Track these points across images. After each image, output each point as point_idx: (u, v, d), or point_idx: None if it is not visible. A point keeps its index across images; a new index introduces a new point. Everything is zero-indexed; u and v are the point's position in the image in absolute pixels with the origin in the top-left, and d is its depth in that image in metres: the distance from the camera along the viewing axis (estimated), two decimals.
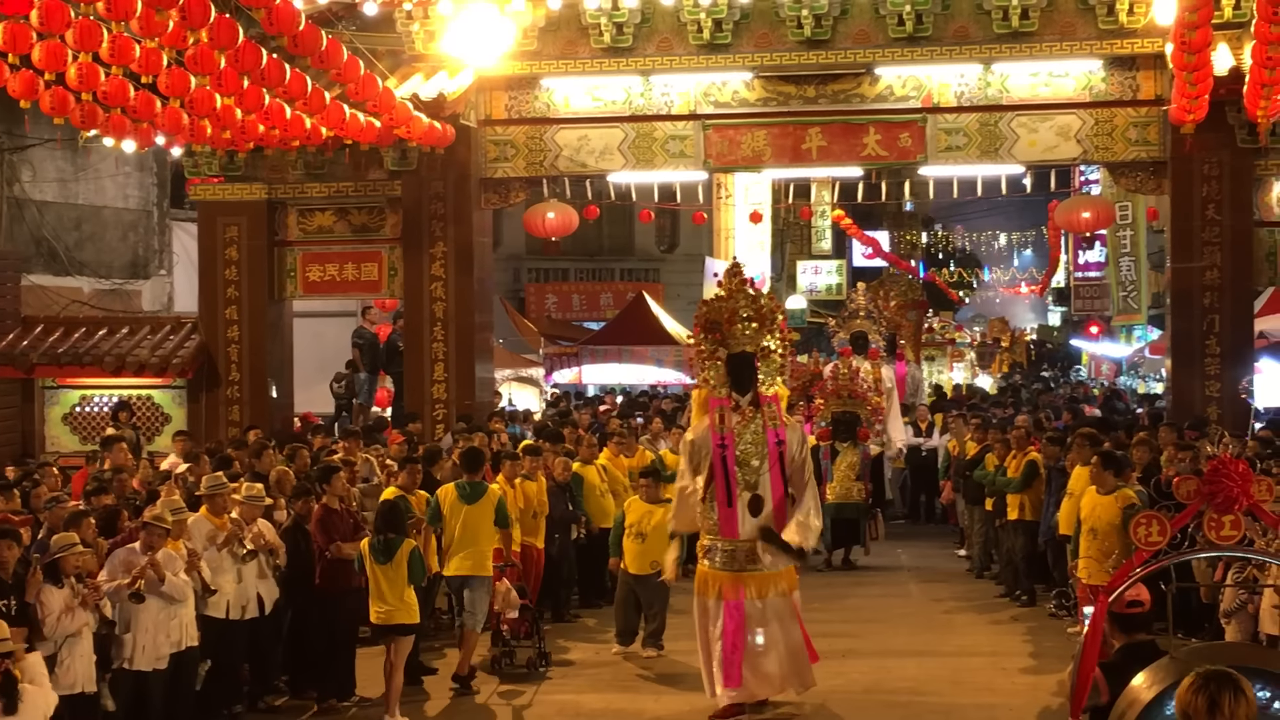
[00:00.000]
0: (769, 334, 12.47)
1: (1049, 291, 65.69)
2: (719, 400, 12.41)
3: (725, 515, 12.21)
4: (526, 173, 20.85)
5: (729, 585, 12.13)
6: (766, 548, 12.09)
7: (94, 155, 23.86)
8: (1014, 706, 12.70)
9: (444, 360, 20.58)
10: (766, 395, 12.43)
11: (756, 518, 12.20)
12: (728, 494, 12.19)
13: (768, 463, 12.25)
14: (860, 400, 20.44)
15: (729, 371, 12.40)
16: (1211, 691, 4.98)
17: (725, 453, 12.20)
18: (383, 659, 12.60)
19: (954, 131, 20.06)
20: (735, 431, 12.28)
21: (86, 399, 21.11)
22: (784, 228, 47.60)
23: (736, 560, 12.18)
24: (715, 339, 12.46)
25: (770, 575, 12.20)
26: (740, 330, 12.34)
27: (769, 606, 12.16)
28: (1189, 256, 19.55)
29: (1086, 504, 13.85)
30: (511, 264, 38.17)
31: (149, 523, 11.50)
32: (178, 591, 11.44)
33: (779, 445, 12.26)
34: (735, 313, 12.39)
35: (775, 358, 12.49)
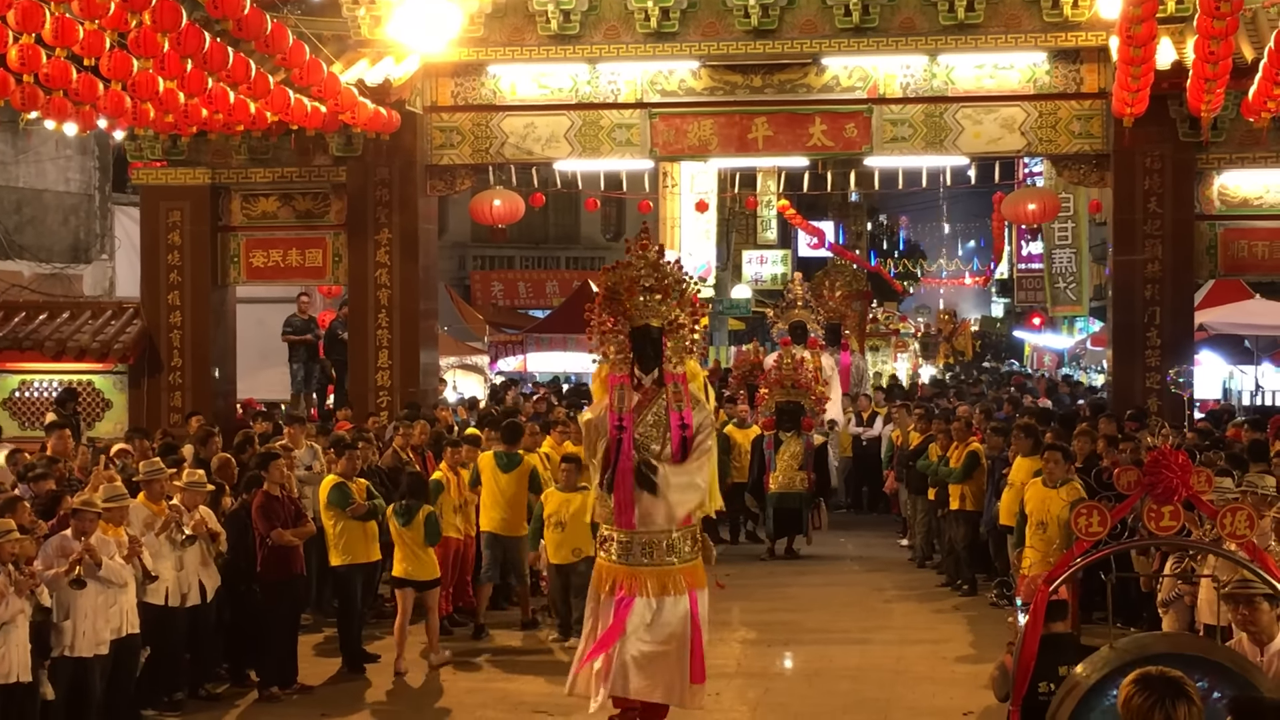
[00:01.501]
0: (678, 307, 11.33)
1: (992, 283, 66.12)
2: (619, 377, 11.30)
3: (620, 503, 11.08)
4: (472, 160, 20.78)
5: (623, 579, 11.07)
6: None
7: (35, 138, 23.64)
8: (954, 695, 12.78)
9: (388, 347, 20.50)
10: (674, 374, 11.28)
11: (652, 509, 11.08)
12: (613, 480, 11.09)
13: (669, 448, 11.10)
14: (804, 390, 20.49)
15: (632, 346, 11.30)
16: (1168, 708, 4.97)
17: (622, 435, 11.07)
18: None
19: (899, 122, 20.13)
20: (635, 412, 11.17)
21: (26, 384, 20.90)
22: (730, 217, 47.65)
23: (631, 553, 11.10)
24: (618, 310, 11.33)
25: (669, 571, 11.09)
26: (642, 301, 11.23)
27: (664, 606, 11.02)
28: (1131, 249, 19.70)
29: (1034, 496, 13.89)
30: (457, 251, 38.03)
31: (79, 509, 11.37)
32: (116, 576, 11.33)
33: (683, 429, 11.11)
34: (635, 281, 11.27)
35: (684, 333, 11.34)
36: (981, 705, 12.24)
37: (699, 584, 11.26)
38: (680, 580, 11.11)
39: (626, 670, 10.87)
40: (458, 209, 31.19)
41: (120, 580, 11.41)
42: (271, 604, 13.14)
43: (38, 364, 20.71)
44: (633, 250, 11.42)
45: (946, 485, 17.61)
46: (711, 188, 39.03)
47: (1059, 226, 36.06)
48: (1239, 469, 12.88)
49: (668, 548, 11.10)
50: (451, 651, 14.27)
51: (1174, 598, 11.45)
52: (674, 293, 11.31)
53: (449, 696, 12.98)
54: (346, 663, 13.90)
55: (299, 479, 15.22)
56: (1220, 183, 19.82)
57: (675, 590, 11.06)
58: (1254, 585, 8.11)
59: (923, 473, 18.34)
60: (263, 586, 13.18)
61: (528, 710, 12.35)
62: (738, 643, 14.88)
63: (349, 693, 13.17)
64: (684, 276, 11.51)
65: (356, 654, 13.98)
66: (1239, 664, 6.55)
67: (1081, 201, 35.05)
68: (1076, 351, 44.11)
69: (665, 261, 11.40)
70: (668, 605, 11.02)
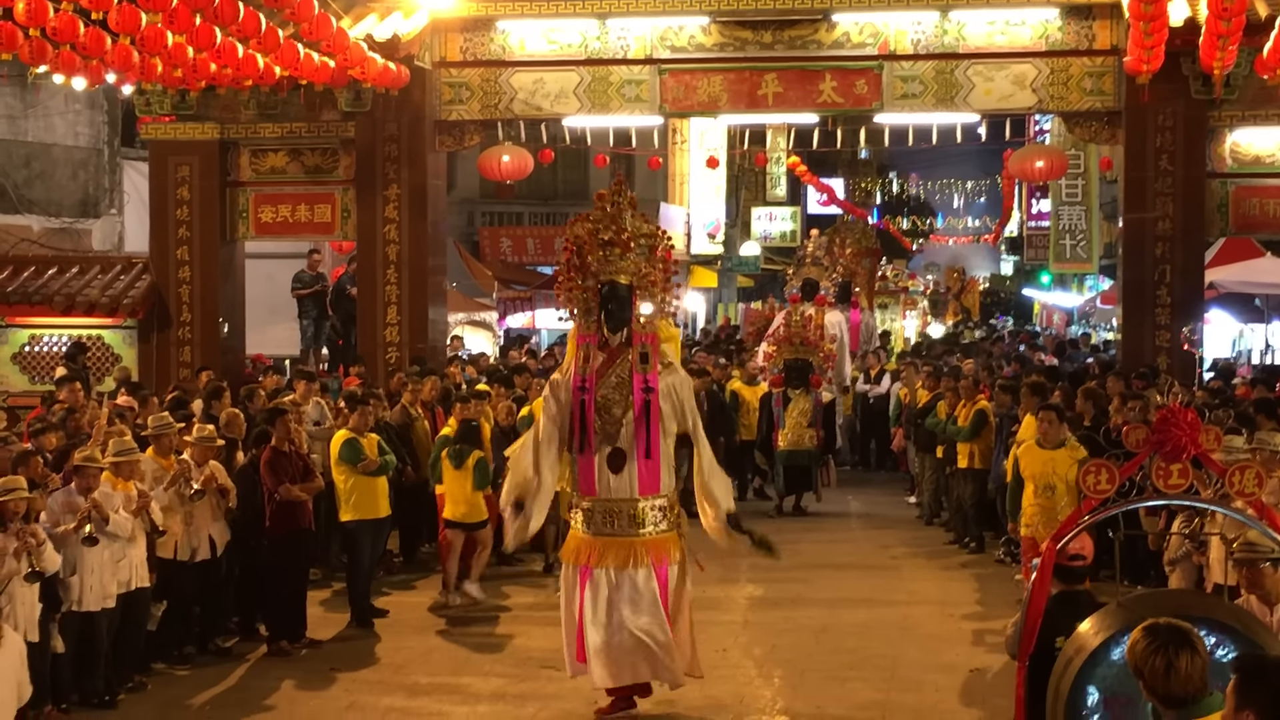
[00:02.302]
0: (649, 263, 10.80)
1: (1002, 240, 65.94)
2: (586, 337, 10.82)
3: (582, 469, 10.73)
4: (481, 115, 20.71)
5: (585, 550, 10.71)
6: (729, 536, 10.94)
7: (44, 92, 23.56)
8: (960, 651, 12.82)
9: (397, 303, 20.48)
10: (643, 334, 10.73)
11: (617, 475, 10.65)
12: (584, 445, 10.67)
13: (631, 413, 10.58)
14: (813, 347, 20.49)
15: (600, 304, 10.78)
16: (1169, 654, 5.04)
17: (585, 397, 10.61)
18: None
19: (910, 79, 20.03)
20: (598, 374, 10.69)
21: (36, 338, 20.91)
22: (739, 174, 47.56)
23: (593, 522, 10.68)
24: (583, 265, 10.82)
25: (636, 543, 10.60)
26: (602, 256, 10.70)
27: (627, 580, 10.55)
28: (1142, 207, 19.63)
29: (1032, 459, 13.41)
30: (465, 207, 37.95)
31: (81, 464, 11.33)
32: (122, 530, 11.32)
33: (646, 393, 10.57)
34: (592, 234, 10.75)
35: (655, 291, 10.81)
36: (988, 662, 12.29)
37: (669, 559, 10.72)
38: (645, 553, 10.59)
39: (592, 661, 10.62)
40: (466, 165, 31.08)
41: (125, 534, 11.40)
42: (280, 559, 13.19)
43: (47, 319, 20.71)
44: (600, 202, 10.95)
45: (954, 443, 17.61)
46: (721, 144, 38.92)
47: (1068, 184, 35.89)
48: (1248, 427, 12.87)
49: (630, 518, 10.65)
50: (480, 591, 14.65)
51: (1181, 556, 11.46)
52: (638, 247, 10.76)
53: (458, 650, 13.04)
54: (355, 618, 13.96)
55: (308, 434, 15.25)
56: (1232, 140, 19.71)
57: (638, 563, 10.54)
58: (1259, 548, 8.13)
59: (931, 430, 18.34)
60: (271, 541, 13.22)
61: (535, 665, 12.39)
62: (745, 599, 14.93)
63: (358, 647, 13.22)
64: (651, 230, 10.97)
65: (365, 609, 14.03)
66: (1246, 623, 6.55)
67: (1092, 159, 34.91)
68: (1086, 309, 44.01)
69: (628, 214, 10.83)
70: (628, 580, 10.55)
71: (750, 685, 11.88)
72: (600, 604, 10.53)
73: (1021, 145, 26.94)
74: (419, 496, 16.14)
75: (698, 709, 11.15)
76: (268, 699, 11.71)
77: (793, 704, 11.33)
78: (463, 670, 12.35)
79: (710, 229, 43.79)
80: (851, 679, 12.01)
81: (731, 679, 12.02)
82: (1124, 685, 6.06)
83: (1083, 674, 6.32)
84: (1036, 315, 55.70)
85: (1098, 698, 6.30)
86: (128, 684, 11.75)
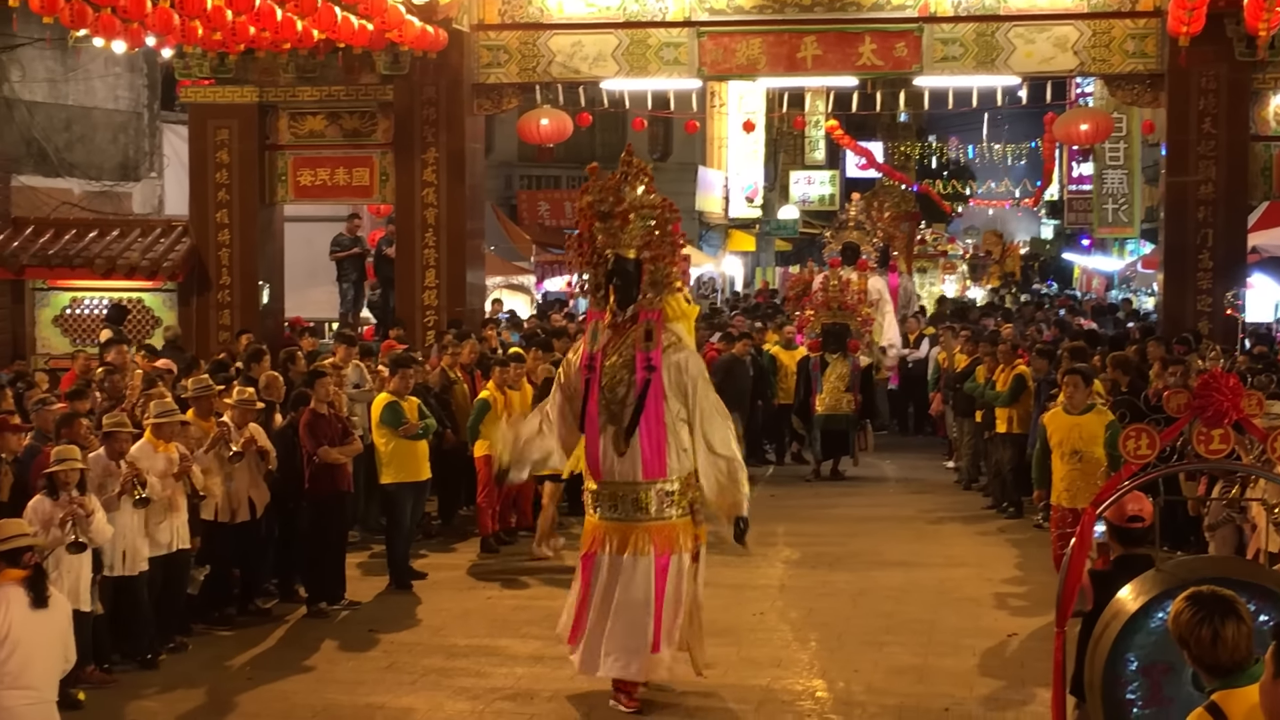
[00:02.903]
0: (655, 235, 10.24)
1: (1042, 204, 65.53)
2: (595, 313, 10.43)
3: (589, 451, 10.33)
4: (519, 79, 20.68)
5: (591, 534, 10.41)
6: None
7: (84, 56, 23.61)
8: (998, 616, 12.81)
9: (435, 267, 20.52)
10: (649, 311, 10.20)
11: (621, 457, 10.18)
12: (588, 426, 10.30)
13: (632, 393, 10.09)
14: (850, 312, 20.46)
15: (608, 279, 10.31)
16: (1215, 624, 5.00)
17: (590, 376, 10.22)
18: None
19: (950, 42, 19.89)
20: (604, 352, 10.27)
21: (77, 301, 21.04)
22: (777, 137, 47.38)
23: (601, 506, 10.31)
24: (594, 238, 10.31)
25: (638, 529, 10.17)
26: (602, 229, 10.19)
27: (623, 566, 10.15)
28: (1184, 170, 19.48)
29: (1061, 424, 12.73)
30: (504, 171, 37.90)
31: (110, 430, 11.30)
32: (154, 493, 11.31)
33: (648, 372, 10.05)
34: (591, 207, 10.23)
35: (662, 265, 10.25)
36: (1025, 627, 12.28)
37: (673, 548, 10.21)
38: (646, 541, 10.13)
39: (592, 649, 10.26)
40: (505, 128, 31.04)
41: (156, 496, 11.38)
42: (319, 521, 13.26)
43: (88, 281, 20.83)
44: (599, 176, 10.35)
45: (993, 408, 17.56)
46: (759, 107, 38.80)
47: (1110, 147, 35.67)
48: None
49: (634, 502, 10.20)
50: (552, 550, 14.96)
51: (1222, 521, 11.42)
52: (641, 220, 10.17)
53: (495, 614, 13.09)
54: (394, 580, 14.02)
55: (348, 397, 15.30)
56: (1276, 103, 19.51)
57: (637, 550, 10.12)
58: None
59: (969, 395, 18.29)
60: (310, 503, 13.29)
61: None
62: (782, 563, 14.94)
63: (397, 608, 13.30)
64: (656, 202, 10.31)
65: (404, 571, 14.10)
66: None
67: (1134, 122, 34.69)
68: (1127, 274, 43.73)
69: (630, 184, 10.21)
70: (626, 566, 10.13)
71: (787, 648, 11.90)
72: (598, 590, 10.22)
73: (1062, 108, 26.74)
74: (458, 460, 16.20)
75: (734, 670, 11.17)
76: (307, 660, 11.79)
77: (829, 667, 11.34)
78: (501, 632, 12.41)
79: (748, 192, 43.70)
80: (889, 643, 12.01)
81: (768, 642, 12.04)
82: (1163, 652, 6.04)
83: (1121, 640, 6.29)
84: (1076, 280, 55.37)
85: (1136, 665, 6.27)
86: (169, 644, 11.85)
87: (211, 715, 10.54)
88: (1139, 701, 6.27)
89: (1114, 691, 6.30)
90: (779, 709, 10.41)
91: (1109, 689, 6.31)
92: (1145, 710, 6.26)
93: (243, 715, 10.51)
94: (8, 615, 7.72)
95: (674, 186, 40.95)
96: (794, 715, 10.29)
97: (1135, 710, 6.28)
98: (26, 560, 7.96)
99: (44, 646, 7.93)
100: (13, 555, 7.91)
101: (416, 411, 14.37)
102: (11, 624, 7.71)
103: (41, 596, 7.88)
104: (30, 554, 8.01)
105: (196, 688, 11.07)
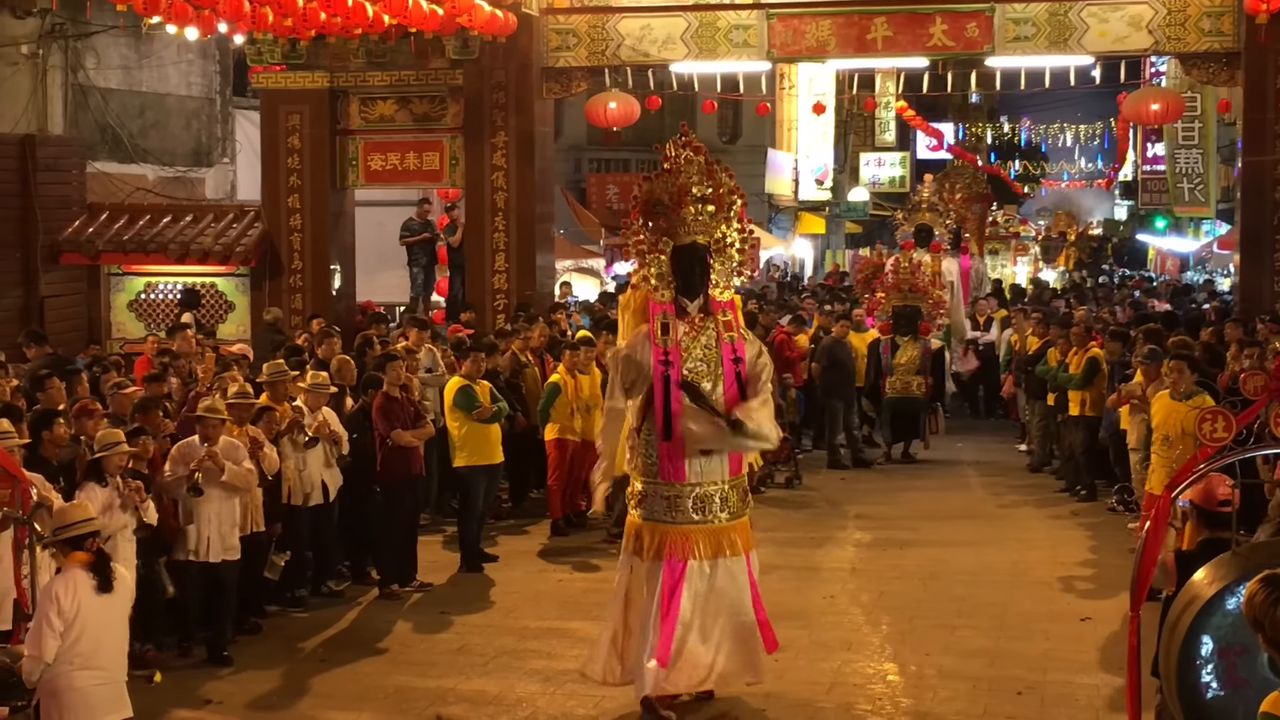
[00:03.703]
0: (726, 222, 9.78)
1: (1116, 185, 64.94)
2: (661, 305, 9.73)
3: (667, 452, 9.63)
4: (588, 62, 20.68)
5: (673, 540, 9.64)
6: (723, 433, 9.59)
7: (157, 43, 23.81)
8: (1071, 600, 12.73)
9: (505, 250, 20.58)
10: (720, 300, 9.81)
11: (708, 456, 9.69)
12: (669, 425, 9.58)
13: (721, 385, 9.65)
14: (921, 294, 20.35)
15: (675, 268, 9.76)
16: None
17: (668, 372, 9.55)
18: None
19: (1022, 21, 19.71)
20: (682, 345, 9.66)
21: (151, 286, 21.25)
22: (847, 119, 47.16)
23: (680, 510, 9.66)
24: (660, 226, 9.76)
25: (722, 530, 9.72)
26: (692, 215, 9.65)
27: (719, 571, 9.68)
28: (1261, 149, 19.24)
29: (1165, 408, 12.57)
30: (572, 154, 37.94)
31: (202, 414, 11.42)
32: (240, 481, 11.41)
33: (736, 364, 9.64)
34: (685, 190, 9.64)
35: (733, 253, 9.82)
36: (1098, 611, 12.19)
37: (751, 543, 9.97)
38: (736, 540, 9.76)
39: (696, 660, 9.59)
40: (573, 112, 31.08)
41: (244, 484, 11.49)
42: (391, 503, 13.34)
43: (162, 266, 21.03)
44: (678, 153, 9.78)
45: (1065, 390, 17.42)
46: (829, 89, 38.64)
47: (1184, 126, 35.28)
48: None
49: (721, 501, 9.76)
50: None
51: None
52: (726, 205, 9.78)
53: (566, 595, 13.13)
54: (465, 562, 14.10)
55: (420, 381, 15.38)
56: None
57: (731, 551, 9.72)
58: None
59: (1041, 377, 18.15)
60: (383, 486, 13.37)
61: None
62: (853, 546, 14.91)
63: (468, 590, 13.37)
64: (736, 186, 9.94)
65: (475, 554, 14.17)
66: None
67: (1209, 101, 34.24)
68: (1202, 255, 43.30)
69: (720, 169, 9.86)
70: (722, 570, 9.68)
71: (858, 631, 11.87)
72: (697, 600, 9.60)
73: (1136, 88, 26.47)
74: (528, 443, 16.25)
75: (805, 653, 11.16)
76: (380, 641, 11.87)
77: (900, 650, 11.30)
78: (571, 614, 12.44)
79: (818, 175, 43.53)
80: (960, 626, 11.96)
81: (839, 625, 12.02)
82: (1239, 635, 5.99)
83: (1197, 623, 6.25)
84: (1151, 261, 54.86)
85: (1212, 647, 6.22)
86: (244, 626, 11.96)
87: (284, 696, 10.64)
88: (1214, 684, 6.22)
89: (1189, 674, 6.25)
90: (850, 691, 10.39)
91: (1184, 671, 6.26)
92: (1221, 692, 6.21)
93: (316, 696, 10.60)
94: (76, 598, 7.84)
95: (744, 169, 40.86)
96: (865, 698, 10.27)
97: (1211, 693, 6.23)
98: (89, 545, 8.08)
99: (112, 628, 8.06)
100: (76, 540, 8.04)
101: (489, 395, 14.42)
102: (80, 606, 7.83)
103: (107, 580, 7.99)
104: (94, 539, 8.13)
105: (270, 669, 11.17)
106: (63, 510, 8.39)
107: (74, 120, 22.95)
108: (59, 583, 7.94)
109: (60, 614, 7.80)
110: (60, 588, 7.89)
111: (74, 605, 7.82)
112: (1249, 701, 5.86)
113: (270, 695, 10.65)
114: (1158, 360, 13.69)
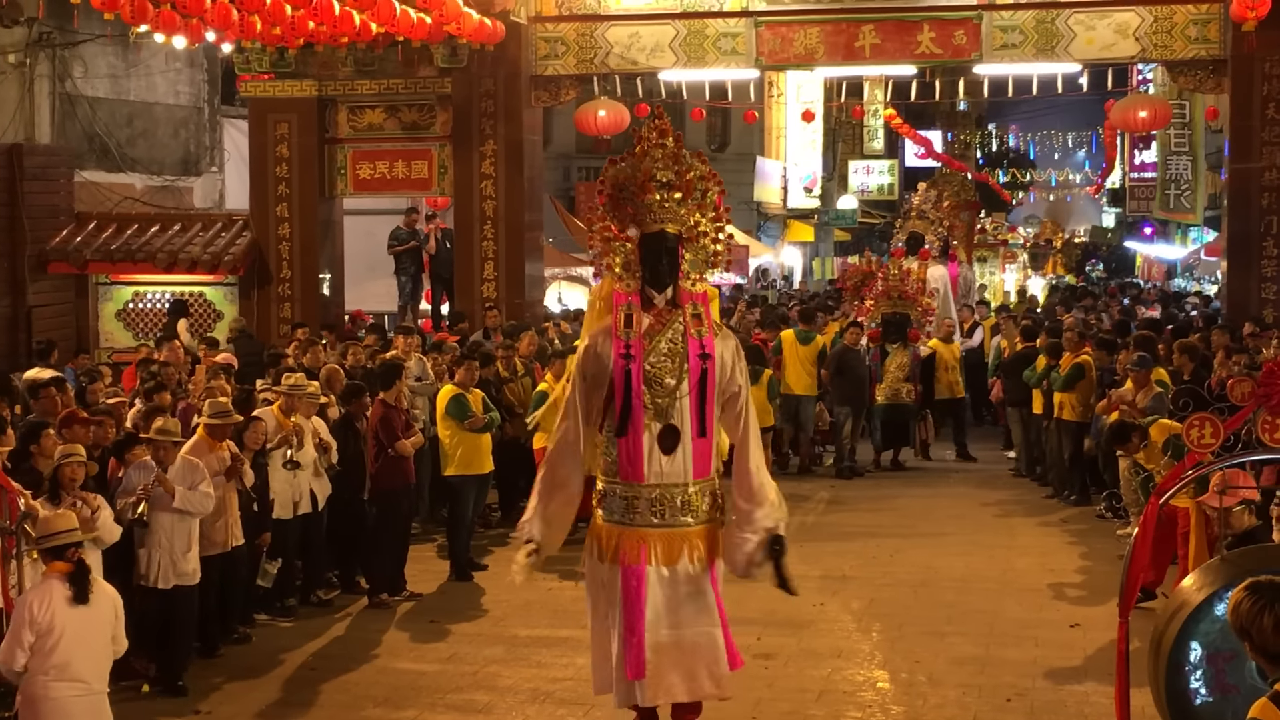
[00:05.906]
0: (699, 210, 9.03)
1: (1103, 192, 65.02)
2: (626, 295, 8.99)
3: (626, 451, 8.85)
4: (577, 70, 20.71)
5: (628, 543, 8.81)
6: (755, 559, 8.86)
7: (145, 51, 23.79)
8: (1060, 607, 12.74)
9: (494, 259, 20.59)
10: (691, 293, 9.03)
11: (670, 456, 8.82)
12: (625, 422, 8.81)
13: (687, 383, 8.83)
14: (911, 301, 20.37)
15: (642, 257, 9.00)
16: (1277, 612, 4.94)
17: (630, 365, 8.78)
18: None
19: (1010, 29, 19.77)
20: (645, 338, 8.88)
21: (139, 295, 21.24)
22: (836, 127, 47.23)
23: (638, 512, 8.82)
24: (625, 213, 9.07)
25: (690, 534, 8.82)
26: (657, 201, 8.90)
27: (679, 576, 8.79)
28: (1248, 157, 19.31)
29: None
30: (562, 162, 37.98)
31: (153, 438, 10.95)
32: (194, 505, 10.89)
33: (703, 360, 8.82)
34: (649, 175, 8.92)
35: (706, 243, 9.03)
36: (1088, 617, 12.20)
37: (717, 552, 8.97)
38: (698, 546, 8.84)
39: (663, 673, 8.74)
40: (562, 120, 31.13)
41: (200, 509, 10.98)
42: (384, 513, 13.33)
43: (150, 276, 21.02)
44: (647, 137, 9.12)
45: (1051, 395, 17.42)
46: (818, 97, 38.68)
47: (1174, 133, 35.35)
48: None
49: (683, 505, 8.87)
50: None
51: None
52: (696, 192, 9.03)
53: (555, 604, 13.10)
54: (455, 571, 14.07)
55: (410, 389, 15.36)
56: None
57: (691, 557, 8.81)
58: None
59: (1024, 384, 18.14)
60: (376, 495, 13.35)
61: None
62: (843, 553, 14.90)
63: (458, 599, 13.35)
64: (710, 173, 9.16)
65: (465, 563, 14.15)
66: None
67: (1198, 108, 34.30)
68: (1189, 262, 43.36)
69: (688, 153, 9.13)
70: (682, 576, 8.80)
71: (848, 639, 11.87)
72: (660, 606, 8.75)
73: (1123, 95, 26.53)
74: (517, 452, 16.22)
75: (795, 661, 11.16)
76: (370, 650, 11.85)
77: (891, 658, 11.30)
78: (562, 623, 12.42)
79: (807, 183, 43.58)
80: (950, 634, 11.96)
81: (829, 633, 12.02)
82: (1228, 641, 6.01)
83: (1185, 629, 6.27)
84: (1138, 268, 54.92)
85: (1200, 653, 6.24)
86: (232, 636, 11.94)
87: (274, 706, 10.61)
88: (1203, 689, 6.23)
89: (1178, 680, 6.27)
90: (840, 699, 10.38)
91: (1173, 678, 6.28)
92: (1210, 698, 6.23)
93: (305, 706, 10.58)
94: (50, 607, 7.84)
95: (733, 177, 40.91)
96: (855, 706, 10.26)
97: (1199, 699, 6.24)
98: (70, 555, 8.07)
99: (89, 639, 8.02)
100: (58, 550, 8.03)
101: (481, 404, 14.40)
102: (54, 616, 7.83)
103: (83, 592, 7.97)
104: (75, 549, 8.11)
105: (259, 678, 11.14)
106: (46, 519, 8.39)
107: (61, 129, 22.94)
108: (34, 593, 7.97)
109: (32, 624, 7.79)
110: (35, 598, 7.90)
111: (48, 616, 7.81)
112: (1238, 707, 5.87)
113: (259, 705, 10.62)
114: (1148, 367, 13.76)
